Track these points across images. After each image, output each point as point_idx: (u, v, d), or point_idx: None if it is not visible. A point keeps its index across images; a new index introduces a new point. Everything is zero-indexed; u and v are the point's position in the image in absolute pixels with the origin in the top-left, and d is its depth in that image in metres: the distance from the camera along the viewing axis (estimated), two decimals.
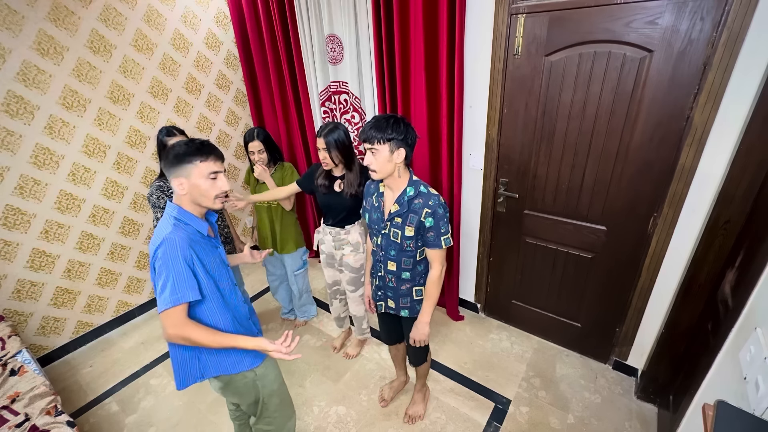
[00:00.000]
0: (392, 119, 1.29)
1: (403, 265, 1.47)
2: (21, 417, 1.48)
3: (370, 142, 1.29)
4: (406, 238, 1.40)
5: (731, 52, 1.30)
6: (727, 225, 1.40)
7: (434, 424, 1.86)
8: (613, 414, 1.85)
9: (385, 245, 1.46)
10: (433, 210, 1.33)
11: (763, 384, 0.79)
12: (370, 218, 1.51)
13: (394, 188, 1.40)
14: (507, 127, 1.95)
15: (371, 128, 1.28)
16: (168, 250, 1.06)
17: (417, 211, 1.35)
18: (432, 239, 1.37)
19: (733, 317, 1.09)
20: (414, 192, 1.37)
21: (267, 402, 1.40)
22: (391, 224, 1.42)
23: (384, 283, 1.56)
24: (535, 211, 2.04)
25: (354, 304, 2.14)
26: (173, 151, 1.14)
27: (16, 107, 2.04)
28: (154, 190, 1.89)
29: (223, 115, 3.08)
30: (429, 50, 1.96)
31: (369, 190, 1.54)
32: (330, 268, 2.11)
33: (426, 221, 1.34)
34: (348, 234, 1.94)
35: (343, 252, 1.99)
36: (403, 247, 1.43)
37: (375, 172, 1.33)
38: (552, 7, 1.61)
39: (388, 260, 1.49)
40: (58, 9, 2.08)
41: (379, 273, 1.56)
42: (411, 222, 1.37)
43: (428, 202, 1.34)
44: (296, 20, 2.48)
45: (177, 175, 1.13)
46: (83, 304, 2.53)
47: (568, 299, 2.12)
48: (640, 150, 1.62)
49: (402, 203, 1.37)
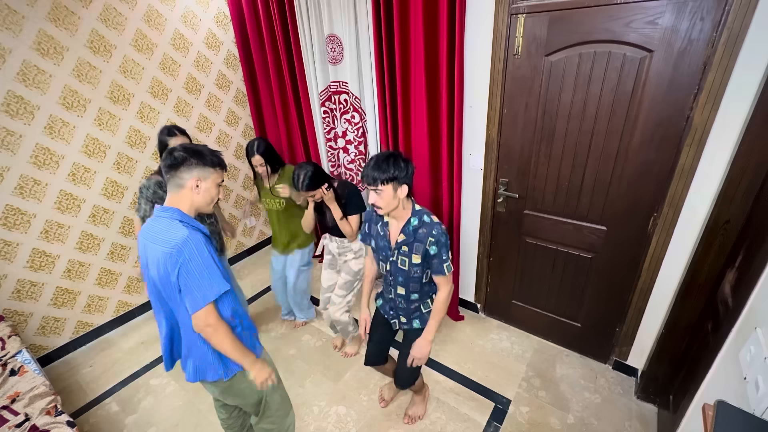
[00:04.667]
0: (392, 158, 1.34)
1: (411, 289, 1.53)
2: (21, 417, 1.48)
3: (374, 184, 1.34)
4: (414, 265, 1.46)
5: (731, 52, 1.30)
6: (727, 225, 1.40)
7: (434, 424, 1.86)
8: (613, 414, 1.85)
9: (394, 271, 1.52)
10: (436, 239, 1.39)
11: (763, 384, 0.79)
12: (377, 245, 1.56)
13: (398, 218, 1.46)
14: (507, 127, 1.95)
15: (373, 170, 1.33)
16: (196, 250, 1.08)
17: (422, 240, 1.41)
18: (437, 266, 1.44)
19: (733, 317, 1.09)
20: (418, 222, 1.43)
21: (269, 400, 1.41)
22: (399, 252, 1.47)
23: (395, 304, 1.62)
24: (535, 211, 2.04)
25: (338, 312, 2.09)
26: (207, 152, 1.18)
27: (16, 107, 2.04)
28: (152, 184, 1.87)
29: (223, 115, 3.08)
30: (429, 50, 1.96)
31: (372, 218, 1.58)
32: (330, 270, 2.20)
33: (430, 249, 1.41)
34: (351, 243, 2.06)
35: (346, 258, 2.10)
36: (410, 273, 1.48)
37: (381, 209, 1.39)
38: (552, 7, 1.61)
39: (397, 285, 1.55)
40: (58, 9, 2.08)
41: (390, 295, 1.62)
42: (417, 250, 1.43)
43: (432, 231, 1.40)
44: (296, 20, 2.48)
45: (197, 174, 1.15)
46: (83, 304, 2.54)
47: (568, 299, 2.12)
48: (640, 150, 1.62)
49: (408, 233, 1.44)
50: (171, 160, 1.13)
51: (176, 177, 1.14)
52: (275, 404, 1.44)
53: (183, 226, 1.11)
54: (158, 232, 1.12)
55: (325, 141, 2.82)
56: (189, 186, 1.15)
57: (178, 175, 1.14)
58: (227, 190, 3.27)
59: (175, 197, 1.16)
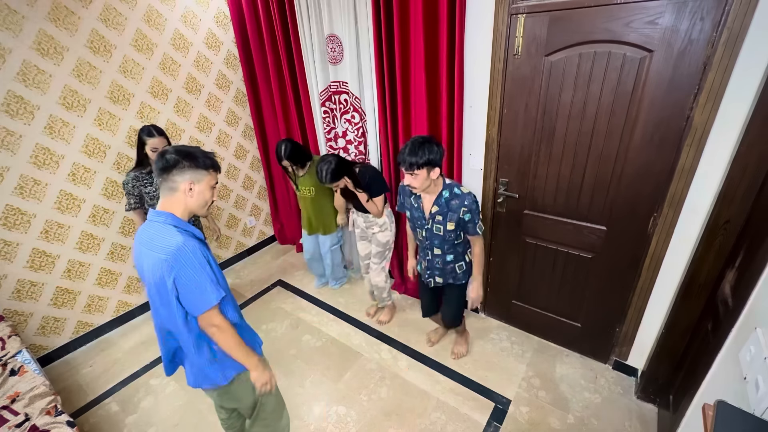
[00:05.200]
0: (426, 143, 1.52)
1: (447, 249, 1.80)
2: (21, 417, 1.48)
3: (409, 168, 1.53)
4: (448, 231, 1.72)
5: (731, 52, 1.30)
6: (727, 225, 1.40)
7: (434, 424, 1.86)
8: (613, 414, 1.85)
9: (429, 236, 1.79)
10: (469, 208, 1.65)
11: (763, 384, 0.79)
12: (412, 215, 1.82)
13: (431, 192, 1.68)
14: (507, 127, 1.95)
15: (410, 156, 1.51)
16: (192, 256, 1.08)
17: (456, 210, 1.66)
18: (471, 229, 1.71)
19: (733, 317, 1.09)
20: (449, 194, 1.67)
21: (264, 402, 1.41)
22: (433, 221, 1.73)
23: (432, 264, 1.88)
24: (535, 211, 2.04)
25: (375, 275, 2.41)
26: (200, 154, 1.15)
27: (16, 107, 2.04)
28: (130, 179, 2.15)
29: (223, 115, 3.08)
30: (429, 50, 1.96)
31: (405, 191, 1.81)
32: (363, 241, 2.50)
33: (465, 216, 1.66)
34: (375, 217, 2.26)
35: (373, 231, 2.34)
36: (445, 238, 1.75)
37: (416, 189, 1.61)
38: (552, 7, 1.61)
39: (434, 247, 1.82)
40: (58, 9, 2.08)
41: (427, 257, 1.88)
42: (451, 219, 1.68)
43: (464, 201, 1.64)
44: (296, 20, 2.48)
45: (190, 177, 1.12)
46: (83, 304, 2.54)
47: (568, 299, 2.12)
48: (640, 150, 1.62)
49: (441, 205, 1.68)
50: (163, 163, 1.10)
51: (169, 180, 1.11)
52: (270, 406, 1.44)
53: (178, 232, 1.10)
54: (153, 238, 1.11)
55: (326, 141, 2.82)
56: (182, 189, 1.13)
57: (171, 178, 1.11)
58: (228, 190, 3.27)
59: (168, 201, 1.14)
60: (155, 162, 1.14)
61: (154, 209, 1.14)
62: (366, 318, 2.65)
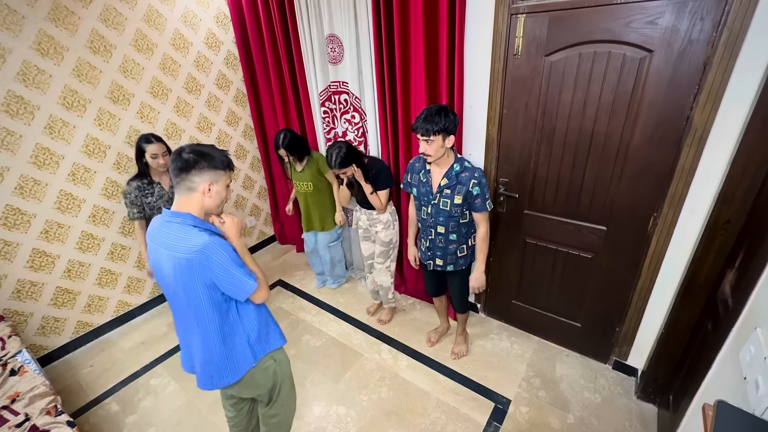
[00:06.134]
0: (442, 111, 1.54)
1: (451, 228, 1.79)
2: (21, 417, 1.48)
3: (425, 134, 1.54)
4: (455, 206, 1.72)
5: (731, 52, 1.30)
6: (727, 225, 1.40)
7: (434, 424, 1.86)
8: (613, 414, 1.85)
9: (435, 213, 1.78)
10: (478, 180, 1.66)
11: (763, 384, 0.79)
12: (419, 192, 1.82)
13: (442, 165, 1.71)
14: (507, 127, 1.95)
15: (424, 121, 1.53)
16: (222, 251, 1.11)
17: (465, 183, 1.67)
18: (479, 204, 1.70)
19: (733, 317, 1.09)
20: (460, 167, 1.69)
21: (281, 387, 1.46)
22: (441, 195, 1.73)
23: (434, 244, 1.87)
24: (535, 211, 2.04)
25: (381, 275, 2.39)
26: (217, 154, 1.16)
27: (16, 107, 2.04)
28: (132, 189, 2.10)
29: (223, 115, 3.08)
30: (429, 50, 1.96)
31: (414, 167, 1.83)
32: (367, 242, 2.41)
33: (474, 190, 1.67)
34: (380, 214, 2.23)
35: (376, 229, 2.29)
36: (451, 213, 1.74)
37: (430, 156, 1.61)
38: (552, 7, 1.61)
39: (438, 225, 1.81)
40: (58, 9, 2.08)
41: (429, 236, 1.88)
42: (459, 192, 1.69)
43: (474, 174, 1.67)
44: (296, 20, 2.48)
45: (208, 178, 1.13)
46: (83, 304, 2.54)
47: (568, 299, 2.12)
48: (640, 150, 1.62)
49: (451, 177, 1.69)
50: (181, 163, 1.10)
51: (187, 180, 1.11)
52: (285, 391, 1.49)
53: (200, 231, 1.10)
54: (173, 239, 1.10)
55: (325, 141, 2.82)
56: (201, 190, 1.13)
57: (190, 178, 1.11)
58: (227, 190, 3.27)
59: (185, 200, 1.14)
60: (171, 161, 1.13)
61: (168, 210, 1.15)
62: (366, 316, 2.65)
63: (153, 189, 2.15)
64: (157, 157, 2.09)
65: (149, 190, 2.14)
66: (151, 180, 2.15)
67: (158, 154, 2.08)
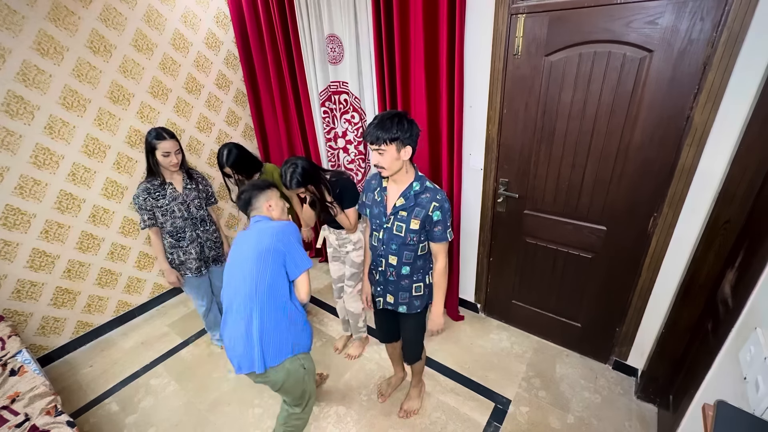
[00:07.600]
0: (396, 118, 1.30)
1: (404, 259, 1.49)
2: (21, 417, 1.48)
3: (376, 143, 1.30)
4: (411, 231, 1.43)
5: (731, 52, 1.30)
6: (727, 225, 1.40)
7: (434, 424, 1.86)
8: (613, 414, 1.85)
9: (387, 239, 1.49)
10: (440, 204, 1.38)
11: (763, 384, 0.79)
12: (371, 213, 1.54)
13: (399, 182, 1.44)
14: (507, 127, 1.95)
15: (376, 129, 1.29)
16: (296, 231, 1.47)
17: (424, 205, 1.39)
18: (439, 233, 1.42)
19: (733, 317, 1.09)
20: (420, 187, 1.41)
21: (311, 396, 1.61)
22: (395, 218, 1.45)
23: (384, 277, 1.58)
24: (535, 211, 2.04)
25: (351, 301, 2.15)
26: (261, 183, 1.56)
27: (16, 107, 2.04)
28: (141, 191, 1.89)
29: (223, 115, 3.08)
30: (429, 50, 1.96)
31: (370, 185, 1.57)
32: (336, 262, 2.16)
33: (434, 215, 1.39)
34: (350, 234, 1.99)
35: (346, 249, 2.05)
36: (405, 240, 1.45)
37: (384, 169, 1.36)
38: (552, 7, 1.61)
39: (389, 254, 1.51)
40: (58, 9, 2.08)
41: (379, 267, 1.58)
42: (417, 215, 1.40)
43: (436, 196, 1.39)
44: (296, 20, 2.48)
45: (265, 200, 1.52)
46: (83, 304, 2.54)
47: (568, 299, 2.12)
48: (640, 150, 1.62)
49: (408, 197, 1.41)
50: (243, 204, 1.52)
51: (254, 209, 1.52)
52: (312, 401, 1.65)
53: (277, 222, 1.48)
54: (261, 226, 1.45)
55: (325, 141, 2.82)
56: (264, 208, 1.52)
57: (254, 206, 1.52)
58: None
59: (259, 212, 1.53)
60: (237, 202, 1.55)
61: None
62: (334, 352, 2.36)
63: (165, 191, 1.93)
64: (169, 155, 1.86)
65: (161, 192, 1.92)
66: (163, 180, 1.93)
67: (171, 152, 1.86)
